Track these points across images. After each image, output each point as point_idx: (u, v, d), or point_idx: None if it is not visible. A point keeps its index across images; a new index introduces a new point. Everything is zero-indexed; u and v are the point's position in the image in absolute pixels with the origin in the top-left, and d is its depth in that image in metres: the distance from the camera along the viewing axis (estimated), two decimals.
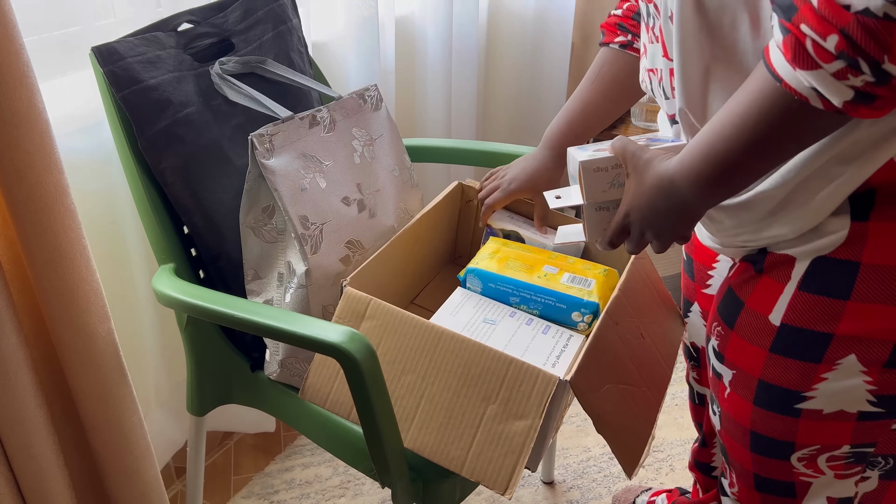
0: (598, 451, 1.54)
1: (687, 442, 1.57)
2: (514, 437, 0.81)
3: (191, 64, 1.02)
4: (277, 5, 1.15)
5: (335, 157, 1.02)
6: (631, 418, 0.87)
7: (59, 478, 0.90)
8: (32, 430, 0.85)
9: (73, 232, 0.81)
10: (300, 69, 1.17)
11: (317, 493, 1.43)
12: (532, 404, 0.81)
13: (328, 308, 0.99)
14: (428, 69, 1.68)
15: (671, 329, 1.03)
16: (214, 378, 1.10)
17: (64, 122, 1.04)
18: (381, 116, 1.11)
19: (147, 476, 0.98)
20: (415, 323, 0.86)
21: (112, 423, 0.92)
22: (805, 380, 0.70)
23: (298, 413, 1.01)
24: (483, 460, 0.82)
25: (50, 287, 0.81)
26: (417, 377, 0.85)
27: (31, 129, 0.74)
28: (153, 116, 0.96)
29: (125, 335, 1.23)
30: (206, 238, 1.02)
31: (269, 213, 0.97)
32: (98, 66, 0.93)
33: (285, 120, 0.96)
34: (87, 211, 1.10)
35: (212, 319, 0.88)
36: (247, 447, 1.55)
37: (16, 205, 0.76)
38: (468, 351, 0.83)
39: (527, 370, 0.81)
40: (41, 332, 0.88)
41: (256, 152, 0.91)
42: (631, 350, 0.91)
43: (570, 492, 1.45)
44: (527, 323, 0.95)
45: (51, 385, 0.91)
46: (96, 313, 0.86)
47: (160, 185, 0.99)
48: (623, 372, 0.88)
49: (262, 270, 1.01)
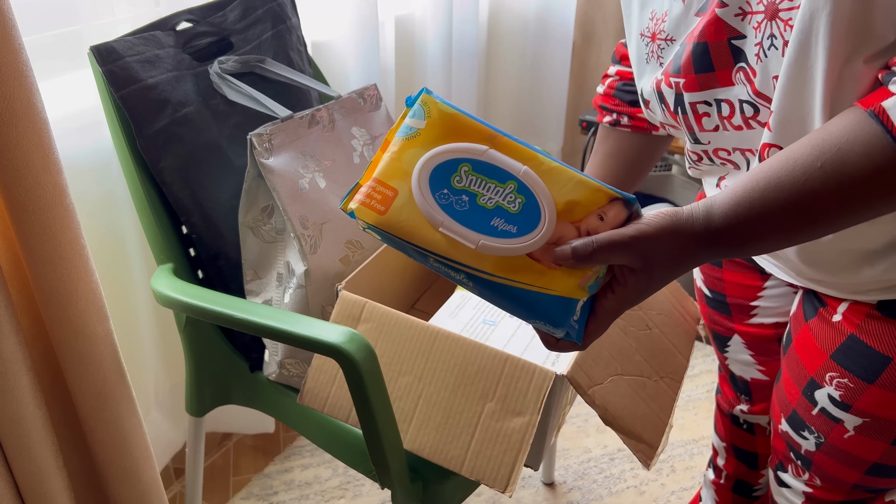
0: (599, 451, 1.54)
1: (688, 442, 1.56)
2: (513, 433, 0.81)
3: (189, 63, 1.02)
4: (276, 4, 1.14)
5: (335, 157, 1.01)
6: (643, 408, 0.86)
7: (58, 479, 0.90)
8: (31, 431, 0.85)
9: (71, 232, 0.80)
10: (299, 68, 1.16)
11: (316, 495, 1.43)
12: (529, 400, 0.81)
13: (327, 308, 0.99)
14: (428, 69, 1.68)
15: (683, 318, 1.02)
16: (213, 379, 1.09)
17: (62, 121, 1.03)
18: (380, 116, 1.11)
19: (146, 477, 0.98)
20: (410, 324, 0.85)
21: (111, 424, 0.91)
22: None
23: (297, 414, 1.00)
24: (482, 459, 0.81)
25: (49, 287, 0.81)
26: (414, 378, 0.85)
27: (29, 129, 0.73)
28: (152, 116, 0.95)
29: (124, 336, 1.23)
30: (204, 238, 1.01)
31: (268, 212, 0.97)
32: (97, 66, 0.93)
33: (284, 119, 0.95)
34: (85, 211, 1.09)
35: (211, 320, 0.88)
36: (246, 448, 1.54)
37: (14, 205, 0.76)
38: (464, 350, 0.83)
39: (523, 366, 0.81)
40: (40, 333, 0.88)
41: (255, 152, 0.91)
42: (637, 341, 0.91)
43: (570, 493, 1.44)
44: (527, 323, 0.95)
45: (50, 386, 0.91)
46: (95, 314, 0.85)
47: (159, 184, 0.99)
48: (629, 363, 0.88)
49: (261, 270, 1.00)
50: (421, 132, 0.59)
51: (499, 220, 0.57)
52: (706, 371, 1.78)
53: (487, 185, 0.58)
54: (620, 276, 0.57)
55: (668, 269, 0.56)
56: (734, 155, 0.71)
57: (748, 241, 0.55)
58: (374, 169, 0.60)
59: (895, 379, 0.70)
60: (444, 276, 0.60)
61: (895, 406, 0.72)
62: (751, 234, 0.55)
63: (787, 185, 0.53)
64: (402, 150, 0.59)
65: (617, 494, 1.44)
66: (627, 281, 0.57)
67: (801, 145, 0.54)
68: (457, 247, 0.57)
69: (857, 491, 0.80)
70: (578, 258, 0.55)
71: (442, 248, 0.57)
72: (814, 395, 0.78)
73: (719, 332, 0.99)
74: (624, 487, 1.46)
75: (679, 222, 0.55)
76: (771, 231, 0.55)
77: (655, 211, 0.57)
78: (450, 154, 0.58)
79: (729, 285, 0.93)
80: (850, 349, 0.73)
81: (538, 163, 0.58)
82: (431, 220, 0.57)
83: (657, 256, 0.55)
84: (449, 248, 0.57)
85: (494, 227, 0.57)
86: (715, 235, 0.55)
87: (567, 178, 0.58)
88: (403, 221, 0.58)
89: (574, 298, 0.56)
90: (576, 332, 0.58)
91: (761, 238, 0.55)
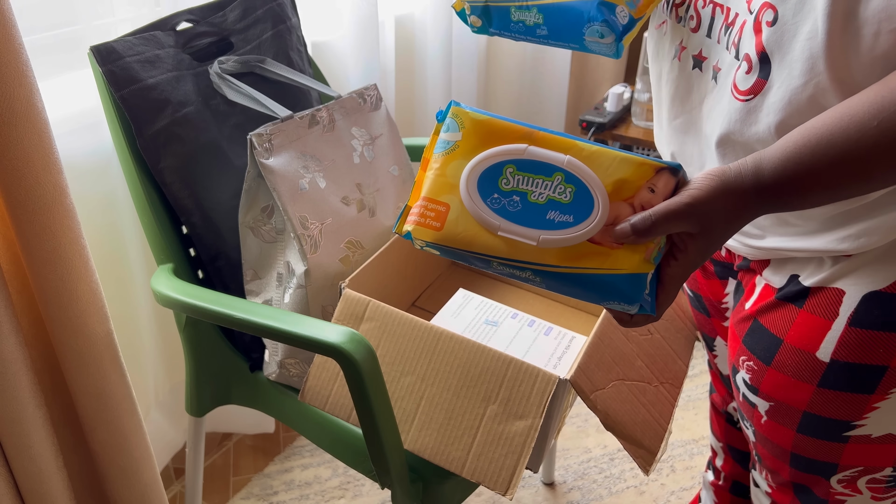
0: (599, 452, 1.54)
1: (687, 442, 1.56)
2: (515, 437, 0.81)
3: (189, 63, 1.02)
4: (276, 4, 1.14)
5: (335, 157, 1.01)
6: (644, 414, 0.86)
7: (58, 479, 0.90)
8: (31, 431, 0.85)
9: (71, 232, 0.80)
10: (299, 68, 1.16)
11: (316, 495, 1.42)
12: (532, 404, 0.81)
13: (328, 308, 0.99)
14: (428, 69, 1.68)
15: (683, 322, 1.02)
16: (213, 379, 1.09)
17: (62, 121, 1.03)
18: (380, 116, 1.11)
19: (146, 477, 0.98)
20: (414, 324, 0.85)
21: (111, 424, 0.91)
22: (856, 410, 0.68)
23: (298, 414, 1.00)
24: (483, 461, 0.81)
25: (49, 288, 0.81)
26: (417, 378, 0.85)
27: (29, 129, 0.73)
28: (152, 116, 0.95)
29: (124, 336, 1.23)
30: (204, 238, 1.01)
31: (268, 212, 0.96)
32: (97, 66, 0.93)
33: (284, 119, 0.95)
34: (85, 211, 1.09)
35: (211, 320, 0.88)
36: (246, 448, 1.54)
37: (14, 205, 0.76)
38: (467, 351, 0.83)
39: (526, 370, 0.81)
40: (40, 333, 0.88)
41: (255, 152, 0.91)
42: (638, 346, 0.91)
43: (570, 493, 1.44)
44: (528, 324, 0.95)
45: (50, 386, 0.91)
46: (95, 314, 0.85)
47: (159, 184, 0.99)
48: (630, 368, 0.88)
49: (261, 270, 1.00)
50: (459, 144, 0.60)
51: (554, 212, 0.58)
52: (706, 371, 1.78)
53: (535, 182, 0.59)
54: (680, 242, 0.58)
55: (724, 228, 0.57)
56: (707, 8, 0.68)
57: (799, 195, 0.55)
58: (419, 189, 0.61)
59: (786, 360, 0.71)
60: (510, 276, 0.61)
61: (790, 389, 0.72)
62: (800, 188, 0.55)
63: (839, 141, 0.53)
64: (444, 165, 0.60)
65: (617, 494, 1.44)
66: (688, 246, 0.57)
67: (859, 101, 0.53)
68: (518, 247, 0.58)
69: (802, 493, 0.79)
70: (639, 233, 0.56)
71: (504, 251, 0.58)
72: (737, 381, 0.79)
73: (705, 332, 1.00)
74: (624, 487, 1.46)
75: (728, 181, 0.56)
76: (821, 186, 0.54)
77: (702, 173, 0.58)
78: (492, 159, 0.59)
79: (702, 285, 0.94)
80: (754, 332, 0.74)
81: (579, 150, 0.59)
82: (488, 227, 0.58)
83: (713, 218, 0.56)
84: (511, 250, 0.58)
85: (551, 221, 0.58)
86: (765, 190, 0.55)
87: (610, 159, 0.58)
88: (461, 233, 0.59)
89: (643, 273, 0.57)
90: (649, 304, 0.59)
91: (812, 192, 0.55)
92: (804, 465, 0.75)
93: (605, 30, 0.69)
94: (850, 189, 0.55)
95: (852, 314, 0.66)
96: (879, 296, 0.64)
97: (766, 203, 0.56)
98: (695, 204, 0.56)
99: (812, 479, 0.76)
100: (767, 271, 0.74)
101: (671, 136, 0.77)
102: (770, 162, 0.56)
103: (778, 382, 0.73)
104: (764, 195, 0.56)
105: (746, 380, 0.77)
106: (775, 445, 0.77)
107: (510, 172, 0.59)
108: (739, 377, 0.78)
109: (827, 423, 0.70)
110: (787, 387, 0.72)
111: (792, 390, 0.71)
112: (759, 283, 0.76)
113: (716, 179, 0.56)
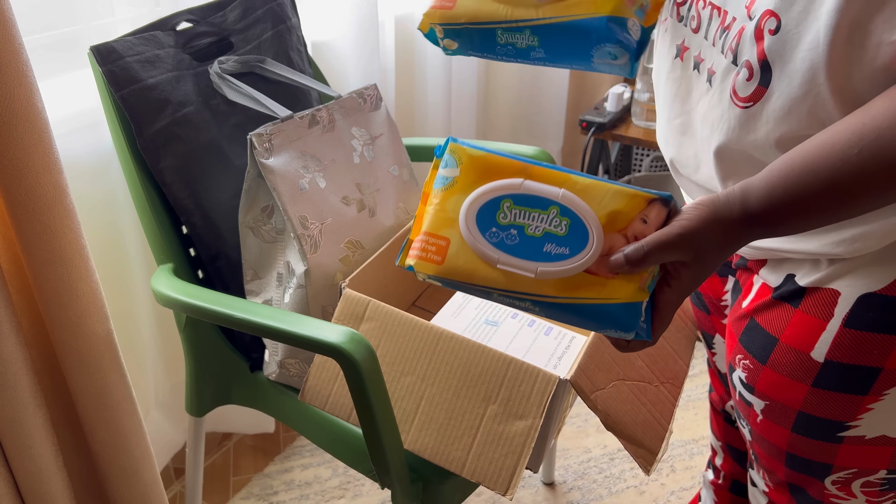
0: (599, 451, 1.54)
1: (688, 443, 1.56)
2: (515, 437, 0.81)
3: (189, 63, 1.02)
4: (276, 4, 1.14)
5: (335, 157, 1.01)
6: (644, 414, 0.86)
7: (58, 479, 0.90)
8: (31, 431, 0.85)
9: (71, 232, 0.80)
10: (299, 68, 1.16)
11: (316, 495, 1.42)
12: (532, 404, 0.81)
13: (328, 308, 0.99)
14: (428, 69, 1.68)
15: (683, 322, 1.03)
16: (213, 379, 1.09)
17: (62, 121, 1.04)
18: (380, 116, 1.11)
19: (146, 477, 0.98)
20: (414, 324, 0.85)
21: (111, 424, 0.91)
22: (850, 411, 0.68)
23: (298, 414, 1.00)
24: (484, 461, 0.81)
25: (49, 287, 0.81)
26: (417, 378, 0.85)
27: (29, 129, 0.73)
28: (152, 116, 0.95)
29: (124, 336, 1.22)
30: (204, 238, 1.01)
31: (268, 212, 0.96)
32: (97, 66, 0.93)
33: (284, 119, 0.95)
34: (85, 211, 1.09)
35: (211, 320, 0.88)
36: (246, 448, 1.54)
37: (14, 205, 0.76)
38: (468, 351, 0.83)
39: (526, 370, 0.81)
40: (40, 333, 0.88)
41: (255, 152, 0.91)
42: None
43: (570, 493, 1.44)
44: (529, 324, 0.95)
45: (50, 386, 0.91)
46: (95, 314, 0.85)
47: (159, 184, 0.99)
48: (630, 368, 0.88)
49: (261, 270, 1.00)
50: (457, 179, 0.62)
51: (550, 245, 0.60)
52: (706, 371, 1.78)
53: (531, 215, 0.60)
54: (673, 270, 0.59)
55: (716, 255, 0.58)
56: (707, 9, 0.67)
57: (787, 223, 0.56)
58: (420, 223, 0.63)
59: (781, 360, 0.71)
60: (510, 306, 0.63)
61: (785, 388, 0.72)
62: (788, 216, 0.56)
63: (823, 170, 0.53)
64: (443, 200, 0.62)
65: (617, 494, 1.44)
66: (681, 274, 0.59)
67: (840, 129, 0.54)
68: (517, 279, 0.60)
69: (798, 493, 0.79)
70: (633, 263, 0.58)
71: (503, 283, 0.60)
72: (734, 379, 0.80)
73: (705, 330, 1.01)
74: (624, 487, 1.46)
75: (718, 210, 0.57)
76: (809, 213, 0.55)
77: (693, 202, 0.59)
78: (489, 194, 0.61)
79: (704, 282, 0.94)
80: (751, 330, 0.75)
81: (573, 183, 0.60)
82: (488, 260, 0.60)
83: (704, 246, 0.57)
84: (510, 282, 0.60)
85: (548, 253, 0.60)
86: (753, 218, 0.56)
87: (604, 192, 0.60)
88: (462, 266, 0.60)
89: (638, 301, 0.59)
90: (645, 331, 0.60)
91: (800, 219, 0.56)
92: (799, 465, 0.75)
93: (619, 50, 0.69)
94: (839, 215, 0.55)
95: (847, 315, 0.66)
96: (874, 297, 0.64)
97: (755, 230, 0.57)
98: (685, 234, 0.57)
99: (807, 479, 0.76)
100: (764, 270, 0.74)
101: (671, 135, 0.77)
102: (756, 191, 0.56)
103: (773, 381, 0.73)
104: (752, 223, 0.57)
105: (742, 378, 0.77)
106: (771, 444, 0.77)
107: (507, 206, 0.61)
108: (736, 376, 0.79)
109: (821, 423, 0.71)
110: (782, 386, 0.72)
111: (787, 389, 0.72)
112: (756, 282, 0.76)
113: (705, 209, 0.57)
